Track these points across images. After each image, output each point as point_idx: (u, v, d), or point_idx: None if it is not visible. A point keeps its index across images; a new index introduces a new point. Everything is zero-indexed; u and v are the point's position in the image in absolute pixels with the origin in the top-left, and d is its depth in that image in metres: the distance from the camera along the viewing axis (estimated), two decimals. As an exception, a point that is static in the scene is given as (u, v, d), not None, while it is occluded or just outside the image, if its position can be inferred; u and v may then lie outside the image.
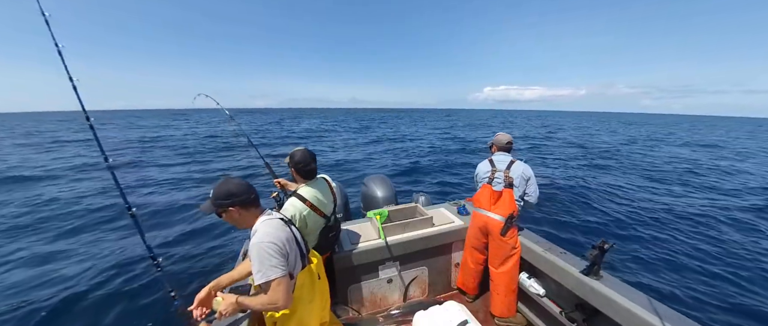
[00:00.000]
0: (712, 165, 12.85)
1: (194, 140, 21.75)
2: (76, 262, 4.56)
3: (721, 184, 9.47)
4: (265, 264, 1.33)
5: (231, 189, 1.44)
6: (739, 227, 5.87)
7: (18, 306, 3.53)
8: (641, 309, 1.76)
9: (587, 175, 10.28)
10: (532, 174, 2.55)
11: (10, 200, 7.55)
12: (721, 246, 5.06)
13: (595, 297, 2.00)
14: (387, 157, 14.51)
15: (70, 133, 28.73)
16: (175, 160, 13.46)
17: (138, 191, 8.40)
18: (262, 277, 1.33)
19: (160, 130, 31.56)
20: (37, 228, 5.88)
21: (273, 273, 1.34)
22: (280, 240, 1.39)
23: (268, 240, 1.36)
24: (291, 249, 1.45)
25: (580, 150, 17.59)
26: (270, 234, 1.39)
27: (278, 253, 1.36)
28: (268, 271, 1.33)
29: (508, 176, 2.51)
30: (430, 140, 21.53)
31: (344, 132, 28.41)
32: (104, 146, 1.85)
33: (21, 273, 4.29)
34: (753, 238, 5.36)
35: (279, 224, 1.47)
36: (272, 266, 1.34)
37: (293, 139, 22.42)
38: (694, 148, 19.65)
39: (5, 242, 5.22)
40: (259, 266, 1.34)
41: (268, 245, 1.35)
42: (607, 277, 2.05)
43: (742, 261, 4.58)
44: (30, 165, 11.85)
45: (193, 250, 4.94)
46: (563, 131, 32.81)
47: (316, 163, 2.19)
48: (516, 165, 2.54)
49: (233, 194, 1.43)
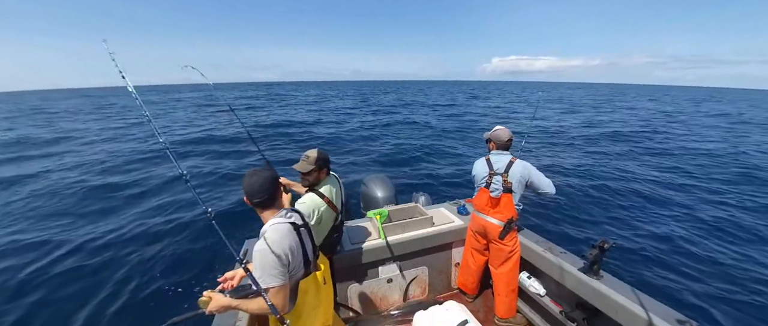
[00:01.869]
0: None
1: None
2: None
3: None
4: (266, 272, 1.34)
5: (256, 188, 1.46)
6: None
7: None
8: (641, 308, 1.76)
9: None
10: (534, 171, 2.38)
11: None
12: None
13: (595, 297, 2.00)
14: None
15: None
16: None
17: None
18: (261, 284, 1.34)
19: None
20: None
21: (273, 281, 1.34)
22: (284, 250, 1.39)
23: (271, 249, 1.36)
24: (294, 257, 1.44)
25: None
26: (276, 242, 1.38)
27: (280, 263, 1.36)
28: (268, 280, 1.34)
29: (506, 181, 2.38)
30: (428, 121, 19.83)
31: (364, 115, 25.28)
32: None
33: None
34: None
35: (287, 230, 1.45)
36: (272, 275, 1.34)
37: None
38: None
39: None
40: (260, 273, 1.34)
41: (271, 255, 1.35)
42: (607, 277, 2.05)
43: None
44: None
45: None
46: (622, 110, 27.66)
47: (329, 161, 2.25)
48: (515, 167, 2.39)
49: (258, 192, 1.46)
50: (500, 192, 2.41)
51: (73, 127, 19.07)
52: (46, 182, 8.46)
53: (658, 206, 6.67)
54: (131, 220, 6.01)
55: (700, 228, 5.66)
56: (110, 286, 4.10)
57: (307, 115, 22.70)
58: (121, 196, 7.36)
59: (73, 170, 9.62)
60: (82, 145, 13.60)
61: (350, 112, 24.79)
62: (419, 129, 16.97)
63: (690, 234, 5.42)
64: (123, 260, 4.71)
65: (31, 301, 3.86)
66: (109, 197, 7.34)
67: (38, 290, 4.05)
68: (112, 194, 7.49)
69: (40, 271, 4.40)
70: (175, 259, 4.75)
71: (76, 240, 5.22)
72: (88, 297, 3.91)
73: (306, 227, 1.62)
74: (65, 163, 10.53)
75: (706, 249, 4.91)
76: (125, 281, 4.22)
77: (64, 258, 4.73)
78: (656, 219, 6.09)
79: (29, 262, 4.60)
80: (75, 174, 9.20)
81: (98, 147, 13.10)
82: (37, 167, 10.03)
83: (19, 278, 4.25)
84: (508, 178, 2.39)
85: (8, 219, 6.20)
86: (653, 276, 4.22)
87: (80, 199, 7.22)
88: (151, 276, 4.32)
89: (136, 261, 4.67)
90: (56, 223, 5.97)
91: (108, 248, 5.03)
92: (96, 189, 7.80)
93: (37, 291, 4.04)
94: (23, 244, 5.11)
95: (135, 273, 4.38)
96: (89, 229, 5.67)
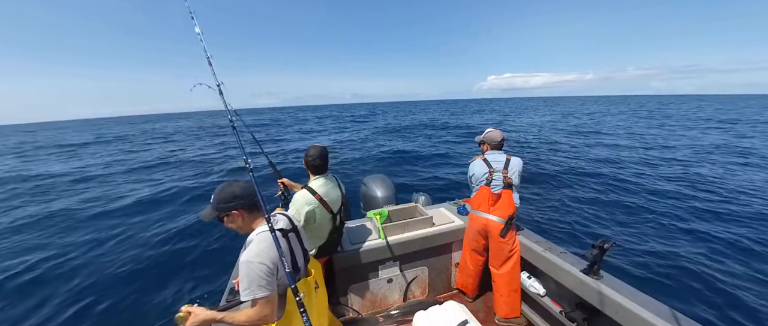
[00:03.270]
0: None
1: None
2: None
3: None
4: (254, 284, 1.29)
5: (235, 192, 1.41)
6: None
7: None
8: (641, 308, 1.76)
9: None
10: (521, 170, 2.55)
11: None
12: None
13: (595, 297, 2.00)
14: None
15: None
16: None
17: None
18: (248, 295, 1.30)
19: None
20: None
21: (260, 292, 1.30)
22: (271, 260, 1.35)
23: (258, 260, 1.31)
24: (283, 266, 1.35)
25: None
26: (262, 252, 1.34)
27: (268, 273, 1.32)
28: (256, 291, 1.29)
29: (506, 177, 2.47)
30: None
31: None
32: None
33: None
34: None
35: (272, 239, 1.38)
36: (260, 286, 1.30)
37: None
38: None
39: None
40: (248, 284, 1.30)
41: (258, 265, 1.30)
42: (607, 277, 2.05)
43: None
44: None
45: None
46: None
47: (328, 160, 2.25)
48: (513, 163, 2.50)
49: (238, 196, 1.40)
50: (501, 188, 2.47)
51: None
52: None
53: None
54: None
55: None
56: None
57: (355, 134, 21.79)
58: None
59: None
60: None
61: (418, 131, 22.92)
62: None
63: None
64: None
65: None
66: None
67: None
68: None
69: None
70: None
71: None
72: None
73: (295, 231, 1.58)
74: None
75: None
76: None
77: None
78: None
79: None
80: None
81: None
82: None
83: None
84: (509, 174, 2.47)
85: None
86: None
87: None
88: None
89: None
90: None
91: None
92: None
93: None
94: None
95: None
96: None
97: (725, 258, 4.61)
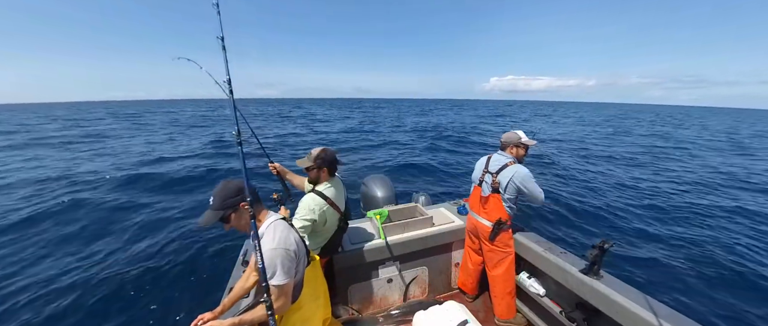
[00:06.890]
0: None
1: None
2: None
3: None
4: (284, 269, 1.32)
5: (238, 185, 1.41)
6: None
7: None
8: (641, 308, 1.75)
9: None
10: (526, 178, 2.31)
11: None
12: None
13: (595, 297, 2.00)
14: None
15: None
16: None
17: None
18: (282, 280, 1.32)
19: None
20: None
21: (286, 278, 1.33)
22: (293, 245, 1.39)
23: (283, 245, 1.35)
24: (300, 249, 1.45)
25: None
26: (285, 238, 1.38)
27: (293, 259, 1.37)
28: (283, 277, 1.32)
29: (495, 181, 2.40)
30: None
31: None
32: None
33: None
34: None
35: (286, 226, 1.46)
36: (286, 272, 1.34)
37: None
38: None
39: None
40: (280, 270, 1.32)
41: (284, 251, 1.34)
42: (608, 277, 2.05)
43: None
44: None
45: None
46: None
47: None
48: (507, 170, 2.37)
49: (242, 189, 1.38)
50: (489, 192, 2.44)
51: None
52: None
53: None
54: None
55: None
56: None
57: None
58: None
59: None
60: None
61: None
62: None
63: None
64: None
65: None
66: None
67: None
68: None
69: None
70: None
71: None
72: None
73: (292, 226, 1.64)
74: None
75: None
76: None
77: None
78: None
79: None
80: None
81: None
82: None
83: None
84: (497, 179, 2.39)
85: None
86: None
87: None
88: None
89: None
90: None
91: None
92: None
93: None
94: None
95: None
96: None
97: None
